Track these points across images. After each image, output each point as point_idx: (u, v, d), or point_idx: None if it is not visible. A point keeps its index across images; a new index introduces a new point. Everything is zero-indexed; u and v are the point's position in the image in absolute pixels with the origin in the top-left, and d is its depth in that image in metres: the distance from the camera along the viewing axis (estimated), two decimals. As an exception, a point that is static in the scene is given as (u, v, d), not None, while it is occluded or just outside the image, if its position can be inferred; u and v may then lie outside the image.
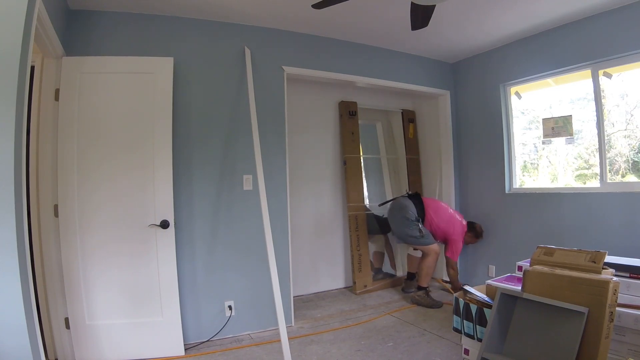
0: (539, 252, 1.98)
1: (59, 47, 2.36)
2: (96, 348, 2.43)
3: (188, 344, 2.68)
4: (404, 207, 3.58)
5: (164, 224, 2.52)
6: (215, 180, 2.87)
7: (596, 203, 2.97)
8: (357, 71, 3.51)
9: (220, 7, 2.75)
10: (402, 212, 3.58)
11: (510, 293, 1.89)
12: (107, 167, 2.50)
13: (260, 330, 2.98)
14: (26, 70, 1.67)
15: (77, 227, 2.42)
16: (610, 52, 2.86)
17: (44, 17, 1.93)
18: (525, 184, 3.73)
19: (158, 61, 2.60)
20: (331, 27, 3.19)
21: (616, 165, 3.07)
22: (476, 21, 3.09)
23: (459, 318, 2.26)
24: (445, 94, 4.11)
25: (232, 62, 2.98)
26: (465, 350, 2.25)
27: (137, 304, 2.52)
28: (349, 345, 2.68)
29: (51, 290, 2.39)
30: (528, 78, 3.49)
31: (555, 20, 3.07)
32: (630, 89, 2.92)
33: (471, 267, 4.02)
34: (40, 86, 2.41)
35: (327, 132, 4.14)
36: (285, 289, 3.10)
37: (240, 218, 2.95)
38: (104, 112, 2.53)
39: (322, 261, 4.05)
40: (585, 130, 3.24)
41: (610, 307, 1.58)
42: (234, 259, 2.92)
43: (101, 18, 2.63)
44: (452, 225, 3.64)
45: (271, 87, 3.12)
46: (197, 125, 2.84)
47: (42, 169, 2.41)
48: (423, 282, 3.53)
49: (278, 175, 3.11)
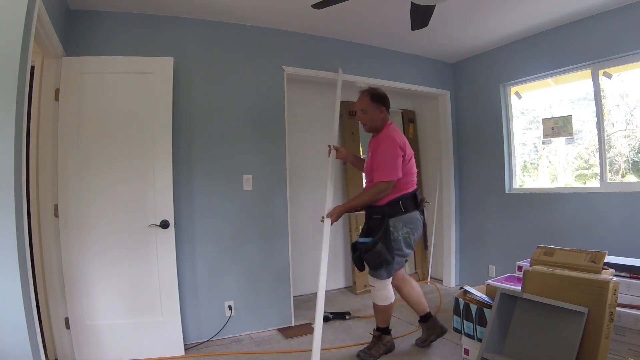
0: (539, 252, 1.98)
1: (59, 47, 2.36)
2: (96, 348, 2.43)
3: (188, 344, 2.68)
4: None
5: (164, 223, 2.52)
6: (215, 180, 2.87)
7: (596, 203, 2.96)
8: (357, 71, 3.51)
9: (221, 7, 2.75)
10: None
11: (510, 293, 1.89)
12: (107, 168, 2.50)
13: (260, 330, 2.98)
14: (26, 70, 1.67)
15: (77, 227, 2.42)
16: (610, 52, 2.86)
17: (44, 17, 1.93)
18: (525, 184, 3.73)
19: (158, 61, 2.60)
20: (331, 27, 3.19)
21: (616, 165, 3.07)
22: (480, 20, 3.09)
23: (459, 318, 2.26)
24: (445, 94, 4.11)
25: (232, 62, 2.98)
26: (465, 350, 2.25)
27: (137, 304, 2.52)
28: (349, 344, 2.68)
29: (51, 290, 2.39)
30: (528, 78, 3.49)
31: (556, 20, 3.07)
32: (630, 89, 2.92)
33: (471, 267, 4.01)
34: (40, 86, 2.41)
35: (327, 132, 4.13)
36: (285, 289, 3.10)
37: (240, 218, 2.94)
38: (104, 112, 2.52)
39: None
40: (585, 130, 3.24)
41: (610, 307, 1.59)
42: (234, 258, 2.92)
43: (101, 18, 2.63)
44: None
45: (271, 87, 3.12)
46: (197, 125, 2.84)
47: (42, 169, 2.41)
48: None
49: (278, 175, 3.11)
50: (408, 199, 2.39)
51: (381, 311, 2.48)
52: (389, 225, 2.34)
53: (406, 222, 2.36)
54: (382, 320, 2.51)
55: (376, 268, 2.36)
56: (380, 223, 2.37)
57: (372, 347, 2.50)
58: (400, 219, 2.35)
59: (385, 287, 2.42)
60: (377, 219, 2.40)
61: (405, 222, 2.36)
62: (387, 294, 2.43)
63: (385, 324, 2.52)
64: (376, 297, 2.45)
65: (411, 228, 2.37)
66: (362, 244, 2.40)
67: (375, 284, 2.43)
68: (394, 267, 2.38)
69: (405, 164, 2.42)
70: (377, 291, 2.43)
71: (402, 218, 2.36)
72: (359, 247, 2.42)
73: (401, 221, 2.35)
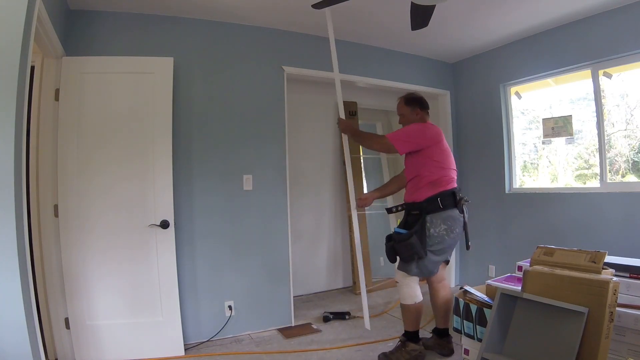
0: (539, 252, 1.98)
1: (59, 47, 2.36)
2: (96, 348, 2.43)
3: (188, 344, 2.68)
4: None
5: (164, 223, 2.52)
6: (215, 180, 2.87)
7: (596, 203, 2.96)
8: (357, 71, 3.51)
9: (221, 7, 2.75)
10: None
11: (510, 293, 1.89)
12: (107, 167, 2.50)
13: (261, 330, 2.98)
14: (26, 70, 1.67)
15: (77, 227, 2.42)
16: (610, 52, 2.86)
17: (44, 17, 1.93)
18: (525, 184, 3.73)
19: (158, 61, 2.60)
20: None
21: (616, 165, 3.07)
22: (480, 20, 3.09)
23: (459, 318, 2.26)
24: (445, 94, 4.11)
25: (232, 62, 2.98)
26: (465, 350, 2.25)
27: (137, 304, 2.52)
28: (349, 344, 2.68)
29: (51, 290, 2.39)
30: (528, 78, 3.49)
31: (556, 20, 3.07)
32: (630, 89, 2.92)
33: (471, 267, 4.01)
34: (40, 86, 2.41)
35: (327, 132, 4.14)
36: (285, 288, 3.10)
37: (240, 218, 2.95)
38: (104, 112, 2.52)
39: (322, 261, 4.05)
40: (585, 130, 3.24)
41: (610, 307, 1.59)
42: (234, 258, 2.92)
43: (101, 18, 2.63)
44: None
45: (271, 87, 3.12)
46: (197, 125, 2.84)
47: (42, 169, 2.41)
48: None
49: (278, 175, 3.11)
50: (447, 196, 2.35)
51: (406, 311, 2.40)
52: (426, 221, 2.32)
53: (444, 219, 2.32)
54: (408, 322, 2.41)
55: (407, 260, 2.32)
56: (418, 219, 2.35)
57: (394, 352, 2.38)
58: (438, 216, 2.32)
59: (410, 285, 2.36)
60: (415, 215, 2.38)
61: (444, 219, 2.32)
62: (411, 292, 2.35)
63: (411, 327, 2.39)
64: (401, 295, 2.40)
65: (449, 225, 2.32)
66: (398, 234, 2.37)
67: (400, 280, 2.39)
68: (426, 265, 2.31)
69: (438, 157, 2.41)
70: (401, 287, 2.38)
71: (440, 215, 2.32)
72: (394, 237, 2.39)
73: (439, 218, 2.32)
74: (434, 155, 2.39)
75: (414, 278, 2.37)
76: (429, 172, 2.38)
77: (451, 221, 2.34)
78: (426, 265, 2.32)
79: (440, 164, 2.40)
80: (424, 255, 2.29)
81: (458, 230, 2.38)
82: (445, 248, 2.36)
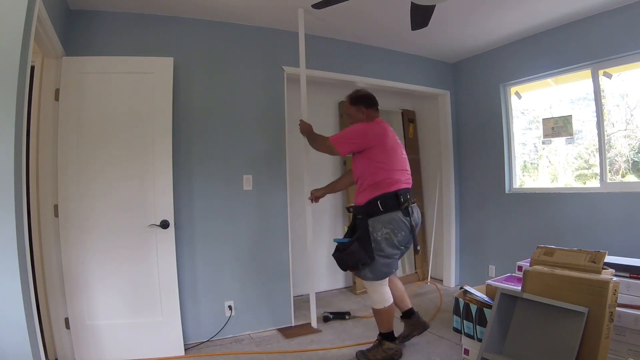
0: (539, 252, 1.99)
1: (59, 47, 2.36)
2: (96, 348, 2.43)
3: (188, 344, 2.68)
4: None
5: (164, 223, 2.52)
6: (215, 180, 2.87)
7: (596, 203, 2.96)
8: (357, 71, 3.51)
9: (221, 7, 2.75)
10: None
11: (510, 293, 1.89)
12: (107, 167, 2.50)
13: (261, 330, 2.98)
14: (26, 70, 1.67)
15: (77, 227, 2.42)
16: (610, 52, 2.86)
17: (44, 17, 1.93)
18: (525, 184, 3.73)
19: (158, 61, 2.60)
20: (331, 27, 3.19)
21: (616, 165, 3.07)
22: (480, 20, 3.09)
23: (459, 318, 2.26)
24: (445, 94, 4.11)
25: (232, 62, 2.98)
26: (465, 350, 2.26)
27: (137, 304, 2.52)
28: (349, 344, 2.68)
29: (51, 290, 2.39)
30: (528, 78, 3.49)
31: (556, 20, 3.07)
32: (630, 89, 2.92)
33: (471, 267, 4.02)
34: (40, 86, 2.41)
35: (327, 132, 4.12)
36: (285, 289, 3.10)
37: (240, 218, 2.95)
38: (104, 112, 2.52)
39: (322, 261, 4.04)
40: (585, 130, 3.24)
41: (610, 307, 1.59)
42: (234, 258, 2.92)
43: (101, 18, 2.63)
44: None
45: (271, 87, 3.12)
46: (197, 125, 2.84)
47: (42, 169, 2.41)
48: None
49: (278, 175, 3.11)
50: (389, 198, 2.30)
51: (378, 315, 2.43)
52: (369, 226, 2.31)
53: (385, 222, 2.29)
54: (381, 324, 2.43)
55: (353, 268, 2.36)
56: (362, 223, 2.35)
57: (371, 349, 2.44)
58: (378, 219, 2.29)
59: (377, 290, 2.38)
60: (360, 219, 2.38)
61: (384, 222, 2.29)
62: (379, 297, 2.37)
63: (385, 329, 2.43)
64: (371, 300, 2.43)
65: (391, 229, 2.29)
66: (340, 243, 2.39)
67: (368, 286, 2.42)
68: (379, 268, 2.32)
69: (381, 158, 2.36)
70: (370, 294, 2.42)
71: (381, 218, 2.29)
72: (338, 246, 2.42)
73: (380, 222, 2.29)
74: (376, 157, 2.36)
75: (381, 282, 2.38)
76: (370, 174, 2.36)
77: (394, 224, 2.30)
78: (379, 269, 2.33)
79: (383, 165, 2.35)
80: (368, 262, 2.29)
81: (404, 233, 2.32)
82: (394, 250, 2.34)
